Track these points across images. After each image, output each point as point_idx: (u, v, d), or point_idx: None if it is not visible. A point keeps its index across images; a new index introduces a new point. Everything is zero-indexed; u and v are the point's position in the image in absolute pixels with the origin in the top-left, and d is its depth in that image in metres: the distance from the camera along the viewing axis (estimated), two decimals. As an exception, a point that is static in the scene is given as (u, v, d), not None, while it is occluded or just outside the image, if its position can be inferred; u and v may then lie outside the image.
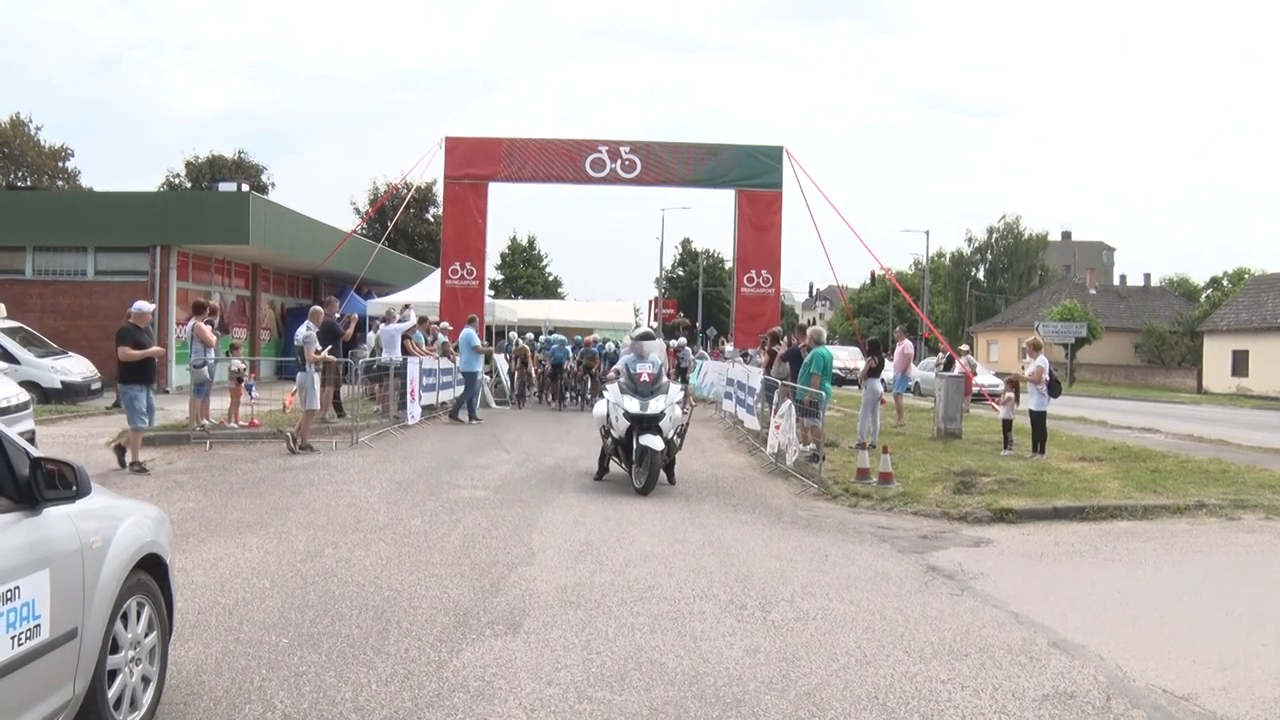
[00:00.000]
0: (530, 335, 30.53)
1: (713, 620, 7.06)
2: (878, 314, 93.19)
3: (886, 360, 24.30)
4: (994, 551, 9.96)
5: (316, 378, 16.16)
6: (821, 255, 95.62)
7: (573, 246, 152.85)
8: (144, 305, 14.04)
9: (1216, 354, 56.43)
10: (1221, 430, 23.29)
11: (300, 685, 5.42)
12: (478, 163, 28.56)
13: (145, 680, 4.74)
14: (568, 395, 28.23)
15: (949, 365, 24.47)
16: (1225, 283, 79.28)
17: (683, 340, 28.81)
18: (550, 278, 78.17)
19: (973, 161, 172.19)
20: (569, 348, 28.46)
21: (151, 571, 4.86)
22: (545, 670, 5.82)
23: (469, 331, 22.84)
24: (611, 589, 7.84)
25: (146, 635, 4.76)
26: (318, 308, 17.29)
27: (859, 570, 8.95)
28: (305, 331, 16.12)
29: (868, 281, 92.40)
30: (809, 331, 17.11)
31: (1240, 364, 53.96)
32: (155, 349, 14.27)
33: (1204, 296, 78.76)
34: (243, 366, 18.30)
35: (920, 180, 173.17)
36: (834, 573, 8.80)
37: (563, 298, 67.83)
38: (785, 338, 19.45)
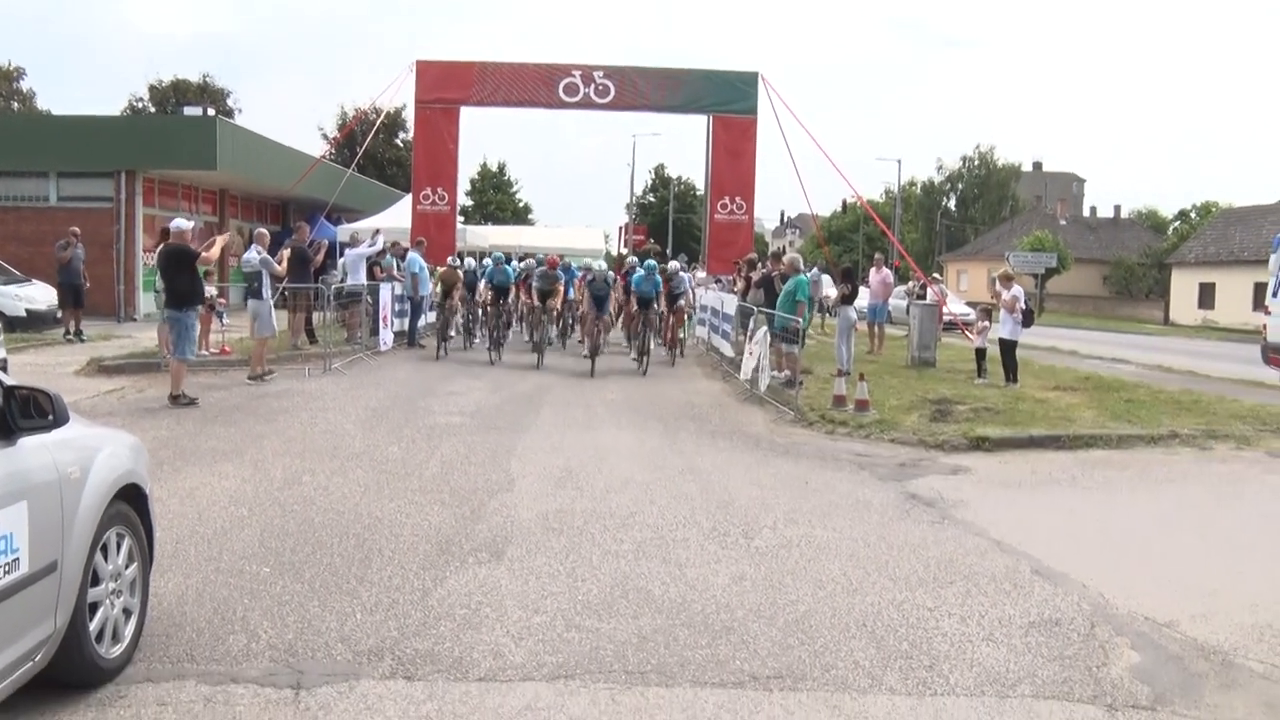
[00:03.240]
0: (471, 259, 24.67)
1: (696, 547, 7.03)
2: (848, 242, 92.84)
3: (862, 288, 24.30)
4: (972, 479, 9.99)
5: (271, 304, 15.73)
6: (792, 182, 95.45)
7: (544, 173, 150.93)
8: (182, 223, 13.48)
9: (1183, 286, 56.78)
10: (1189, 361, 23.45)
11: (284, 615, 5.35)
12: (449, 87, 28.04)
13: (127, 612, 4.64)
14: (510, 333, 21.95)
15: (922, 293, 24.44)
16: (1193, 215, 79.54)
17: (677, 265, 24.20)
18: (521, 204, 77.47)
19: (948, 92, 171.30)
20: (512, 268, 21.63)
21: (131, 502, 4.74)
22: (531, 598, 5.77)
23: (414, 256, 22.35)
24: (594, 516, 7.80)
25: (127, 567, 4.66)
26: (262, 230, 16.56)
27: (839, 497, 8.95)
28: (256, 254, 15.54)
29: (839, 209, 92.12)
30: (786, 258, 16.97)
31: (1207, 296, 54.35)
32: (221, 237, 14.40)
33: (1172, 229, 79.03)
34: (213, 293, 18.02)
35: (894, 110, 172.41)
36: (815, 500, 8.80)
37: (533, 224, 67.22)
38: (761, 264, 19.33)
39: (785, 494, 8.98)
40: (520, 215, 73.90)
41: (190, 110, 34.04)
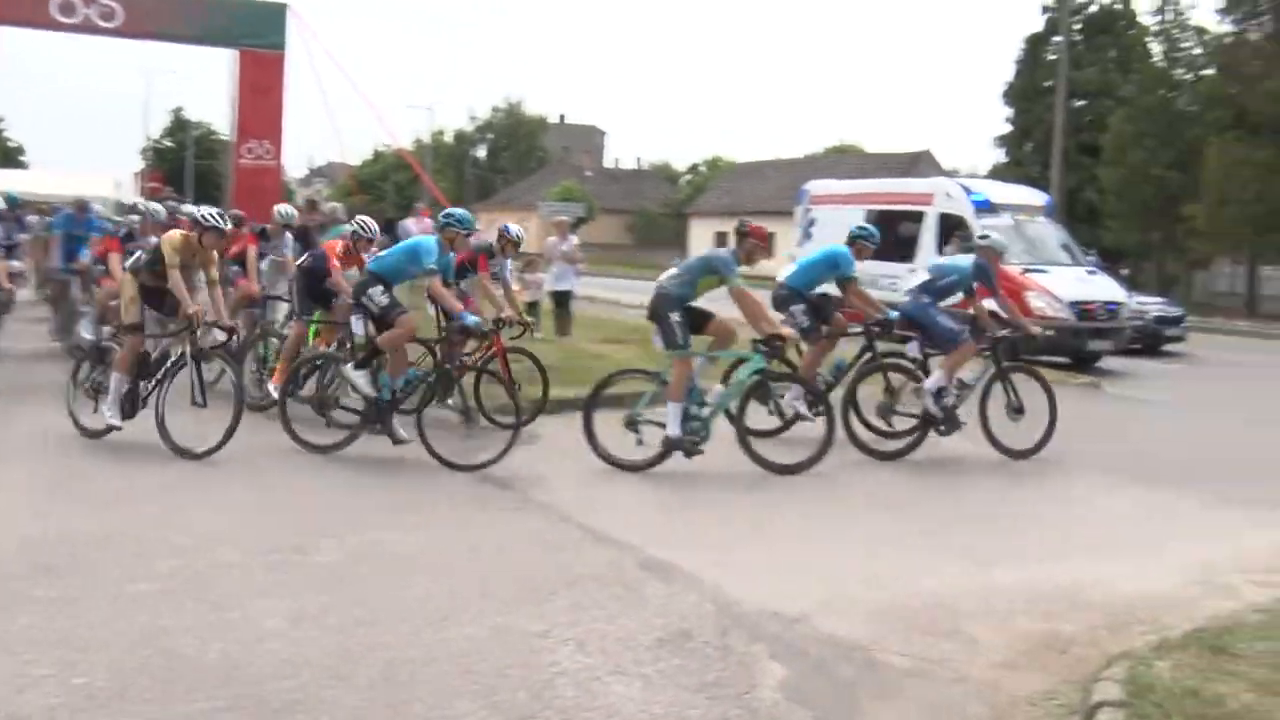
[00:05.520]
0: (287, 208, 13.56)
1: (241, 574, 5.60)
2: (378, 191, 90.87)
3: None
4: (543, 449, 9.24)
5: None
6: (321, 128, 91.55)
7: (41, 111, 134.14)
8: None
9: (701, 235, 60.97)
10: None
11: None
12: (-101, -3, 23.35)
13: None
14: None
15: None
16: (702, 168, 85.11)
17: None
18: (11, 145, 68.69)
19: (480, 42, 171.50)
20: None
21: None
22: (11, 688, 4.11)
23: None
24: (102, 541, 6.03)
25: None
26: None
27: (403, 485, 7.89)
28: None
29: (370, 157, 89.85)
30: (325, 208, 15.36)
31: (722, 244, 58.39)
32: None
33: (684, 180, 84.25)
34: None
35: (426, 58, 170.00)
36: (377, 492, 7.69)
37: (27, 167, 59.14)
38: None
39: (340, 488, 7.74)
40: (11, 158, 65.13)
41: None
